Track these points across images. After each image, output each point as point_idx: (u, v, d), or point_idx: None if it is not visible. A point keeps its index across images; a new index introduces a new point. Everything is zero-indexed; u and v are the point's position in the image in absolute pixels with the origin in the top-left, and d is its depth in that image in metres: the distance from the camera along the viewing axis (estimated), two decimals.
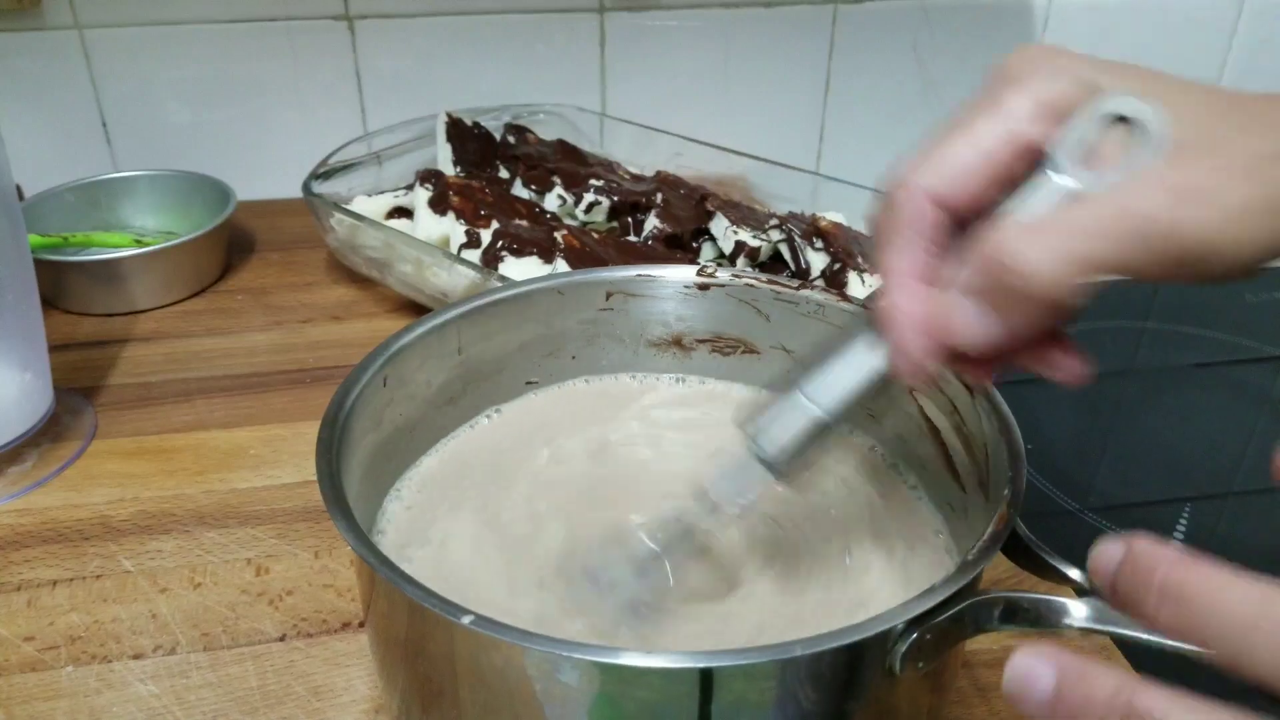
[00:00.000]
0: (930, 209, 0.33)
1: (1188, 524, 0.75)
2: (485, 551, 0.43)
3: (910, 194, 0.33)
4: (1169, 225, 0.29)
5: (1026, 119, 0.32)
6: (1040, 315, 0.31)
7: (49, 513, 0.58)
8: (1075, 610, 0.32)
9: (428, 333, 0.47)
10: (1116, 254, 0.30)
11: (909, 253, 0.33)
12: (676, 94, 1.02)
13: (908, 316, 0.33)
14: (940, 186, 0.33)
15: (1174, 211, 0.29)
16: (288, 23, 0.92)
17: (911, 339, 0.33)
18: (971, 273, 0.32)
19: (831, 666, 0.33)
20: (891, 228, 0.34)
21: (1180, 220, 0.29)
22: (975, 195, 0.33)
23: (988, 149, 0.32)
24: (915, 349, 0.33)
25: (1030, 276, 0.30)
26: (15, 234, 0.58)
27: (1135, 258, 0.30)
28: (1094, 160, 0.31)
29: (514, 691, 0.33)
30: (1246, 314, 1.05)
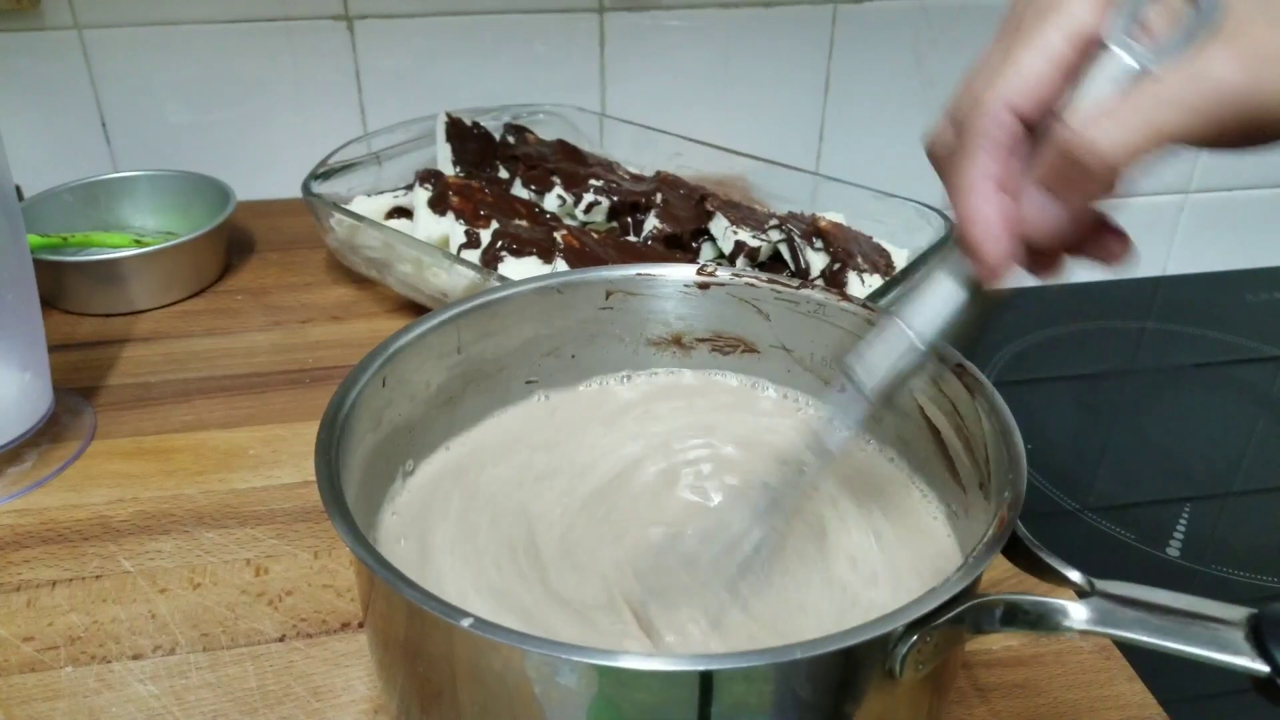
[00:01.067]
0: (1007, 119, 0.34)
1: (1188, 524, 0.75)
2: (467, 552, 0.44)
3: (988, 109, 0.34)
4: (1248, 89, 0.30)
5: (1085, 12, 0.33)
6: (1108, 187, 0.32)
7: (48, 513, 0.58)
8: (1075, 612, 0.32)
9: (428, 333, 0.47)
10: (1189, 123, 0.31)
11: (990, 164, 0.34)
12: (676, 94, 1.02)
13: (987, 219, 0.34)
14: (1017, 99, 0.34)
15: (1248, 75, 0.30)
16: (287, 23, 0.92)
17: (992, 241, 0.34)
18: (1043, 168, 0.33)
19: (831, 669, 0.33)
20: (968, 141, 0.35)
21: (1254, 83, 0.30)
22: (1050, 99, 0.34)
23: (1056, 52, 0.33)
24: (996, 250, 0.34)
25: (1098, 152, 0.31)
26: (15, 234, 0.58)
27: (1209, 125, 0.31)
28: (1148, 39, 0.32)
29: (513, 694, 0.33)
30: (1246, 314, 1.05)
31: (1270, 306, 1.06)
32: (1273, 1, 0.31)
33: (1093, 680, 0.49)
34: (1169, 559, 0.72)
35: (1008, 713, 0.47)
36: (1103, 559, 0.72)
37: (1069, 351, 0.98)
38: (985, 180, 0.34)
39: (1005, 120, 0.34)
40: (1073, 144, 0.32)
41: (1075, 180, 0.32)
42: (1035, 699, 0.48)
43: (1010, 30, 0.35)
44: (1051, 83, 0.33)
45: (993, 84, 0.34)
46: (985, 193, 0.34)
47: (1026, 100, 0.34)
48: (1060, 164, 0.32)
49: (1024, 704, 0.48)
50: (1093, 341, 1.00)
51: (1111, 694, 0.48)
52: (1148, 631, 0.31)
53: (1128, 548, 0.73)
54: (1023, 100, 0.34)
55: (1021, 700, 0.48)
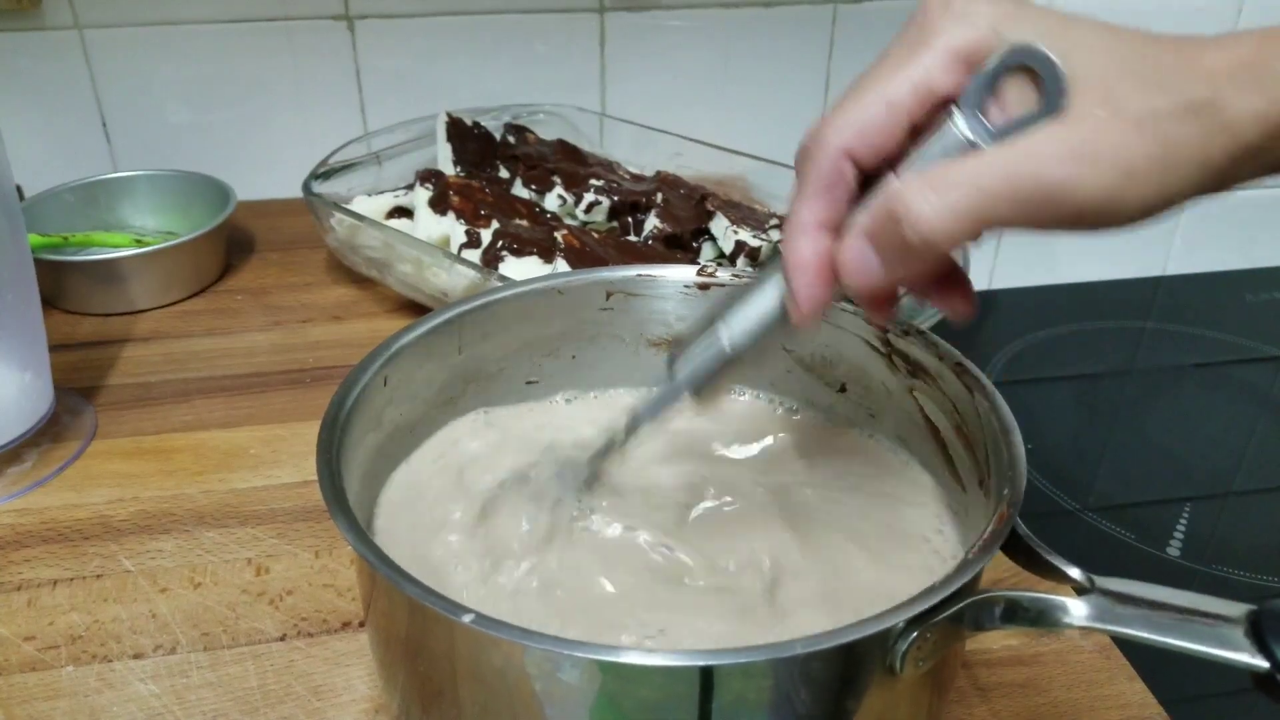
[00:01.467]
0: (840, 163, 0.33)
1: (1188, 524, 0.75)
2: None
3: (822, 148, 0.34)
4: (1063, 186, 0.29)
5: (938, 70, 0.32)
6: (927, 264, 0.32)
7: (49, 513, 0.58)
8: (1075, 609, 0.32)
9: (428, 333, 0.47)
10: (1008, 212, 0.30)
11: (816, 203, 0.34)
12: (676, 94, 1.02)
13: (803, 261, 0.35)
14: (851, 142, 0.33)
15: (1069, 172, 0.29)
16: (288, 23, 0.92)
17: (804, 284, 0.35)
18: (867, 219, 0.33)
19: (832, 665, 0.33)
20: (803, 179, 0.35)
21: (1075, 181, 0.29)
22: (886, 148, 0.33)
23: (898, 103, 0.32)
24: (806, 294, 0.35)
25: (920, 228, 0.30)
26: (15, 234, 0.58)
27: (1027, 215, 0.30)
28: (997, 110, 0.31)
29: (514, 690, 0.33)
30: (1246, 314, 1.05)
31: (1270, 306, 1.06)
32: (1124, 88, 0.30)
33: (1093, 679, 0.49)
34: (1169, 559, 0.72)
35: (1008, 712, 0.47)
36: (1103, 559, 0.72)
37: (1069, 351, 0.98)
38: (808, 220, 0.34)
39: (838, 163, 0.33)
40: (893, 202, 0.31)
41: (898, 246, 0.32)
42: (1035, 698, 0.48)
43: (866, 74, 0.34)
44: (888, 133, 0.33)
45: (832, 122, 0.33)
46: (806, 232, 0.34)
47: (861, 145, 0.33)
48: (884, 223, 0.32)
49: (1024, 703, 0.48)
50: (1093, 341, 1.00)
51: (1112, 693, 0.48)
52: (1148, 628, 0.31)
53: (1128, 547, 0.73)
54: (857, 145, 0.33)
55: (1022, 699, 0.48)
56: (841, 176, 0.34)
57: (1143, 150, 0.29)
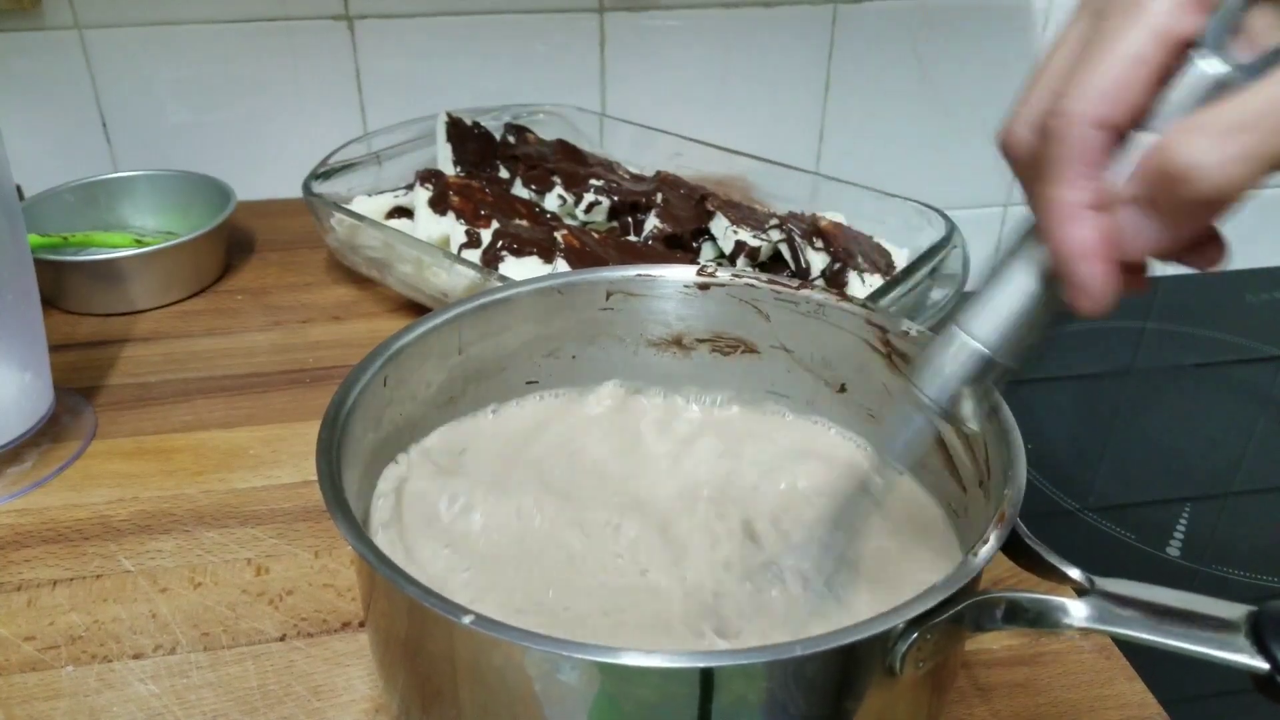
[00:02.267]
0: (1095, 133, 0.31)
1: (1188, 524, 0.75)
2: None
3: (1073, 122, 0.31)
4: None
5: (1175, 13, 0.30)
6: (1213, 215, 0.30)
7: (49, 513, 0.58)
8: (1075, 610, 0.32)
9: (428, 333, 0.47)
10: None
11: (1078, 183, 0.32)
12: (676, 94, 1.02)
13: (1088, 247, 0.32)
14: (1103, 109, 0.31)
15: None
16: (288, 23, 0.92)
17: (1096, 271, 0.32)
18: (1139, 185, 0.31)
19: (832, 666, 0.33)
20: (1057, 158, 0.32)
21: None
22: (1141, 107, 0.31)
23: (1144, 56, 0.30)
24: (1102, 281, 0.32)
25: (1203, 180, 0.28)
26: (15, 234, 0.58)
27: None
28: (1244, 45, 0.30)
29: (514, 691, 0.33)
30: (1246, 314, 1.05)
31: (1270, 306, 1.06)
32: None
33: (1093, 680, 0.49)
34: (1169, 559, 0.72)
35: (1008, 712, 0.47)
36: (1103, 559, 0.72)
37: (1069, 351, 0.98)
38: (1077, 202, 0.32)
39: (1094, 136, 0.31)
40: (1165, 158, 0.29)
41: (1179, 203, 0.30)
42: (1035, 698, 0.48)
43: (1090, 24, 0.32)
44: (1141, 90, 0.30)
45: (1078, 91, 0.31)
46: (1081, 217, 0.32)
47: (1114, 110, 0.31)
48: (1159, 184, 0.30)
49: (1024, 703, 0.48)
50: (1093, 341, 1.00)
51: (1112, 693, 0.48)
52: (1147, 629, 0.31)
53: (1128, 548, 0.73)
54: (1110, 110, 0.31)
55: (1022, 700, 0.48)
56: (1101, 148, 0.31)
57: None
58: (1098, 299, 0.32)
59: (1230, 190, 0.29)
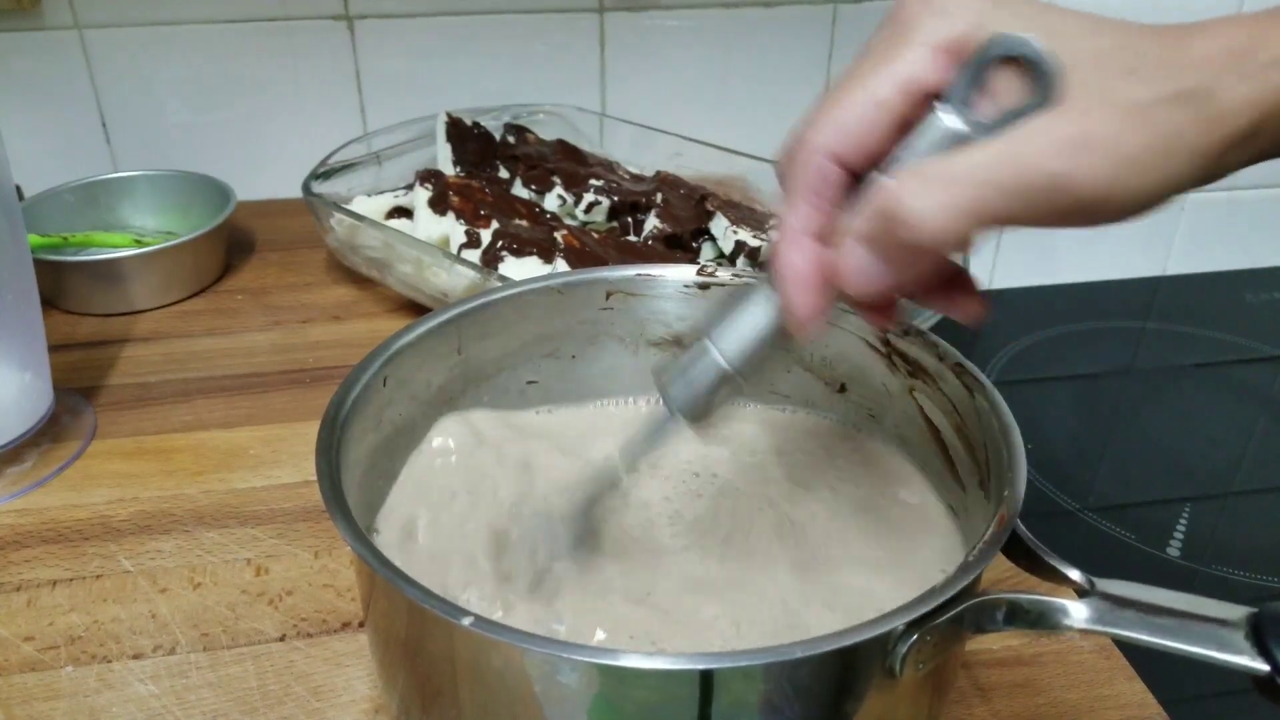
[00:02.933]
0: (827, 166, 0.33)
1: (1188, 524, 0.75)
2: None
3: (807, 152, 0.33)
4: (1061, 177, 0.29)
5: (922, 66, 0.31)
6: (928, 263, 0.32)
7: (49, 513, 0.58)
8: (1075, 611, 0.32)
9: (428, 333, 0.47)
10: (1006, 205, 0.29)
11: (804, 210, 0.33)
12: (676, 94, 1.02)
13: (797, 272, 0.33)
14: (836, 144, 0.32)
15: (1066, 163, 0.29)
16: (288, 23, 0.92)
17: (800, 295, 0.34)
18: (862, 222, 0.32)
19: (831, 668, 0.33)
20: (789, 185, 0.34)
21: (1073, 172, 0.29)
22: (873, 148, 0.32)
23: (884, 101, 0.32)
24: (803, 305, 0.34)
25: (918, 227, 0.30)
26: (15, 234, 0.58)
27: (1025, 209, 0.29)
28: (986, 103, 0.31)
29: (513, 692, 0.33)
30: (1246, 314, 1.05)
31: (1270, 306, 1.06)
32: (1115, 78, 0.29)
33: (1093, 680, 0.49)
34: (1169, 559, 0.72)
35: (1008, 712, 0.47)
36: (1103, 559, 0.72)
37: (1069, 351, 0.98)
38: (796, 228, 0.33)
39: (824, 167, 0.32)
40: (888, 201, 0.30)
41: (897, 246, 0.31)
42: (1035, 699, 0.48)
43: (847, 74, 0.33)
44: (875, 132, 0.32)
45: (816, 125, 0.32)
46: (797, 241, 0.33)
47: (847, 147, 0.32)
48: (878, 223, 0.31)
49: (1024, 703, 0.48)
50: (1093, 341, 1.00)
51: (1111, 694, 0.48)
52: (1148, 630, 0.31)
53: (1128, 548, 0.73)
54: (843, 146, 0.32)
55: (1022, 700, 0.48)
56: (827, 180, 0.33)
57: (1139, 139, 0.29)
58: (802, 323, 0.34)
59: (941, 239, 0.30)
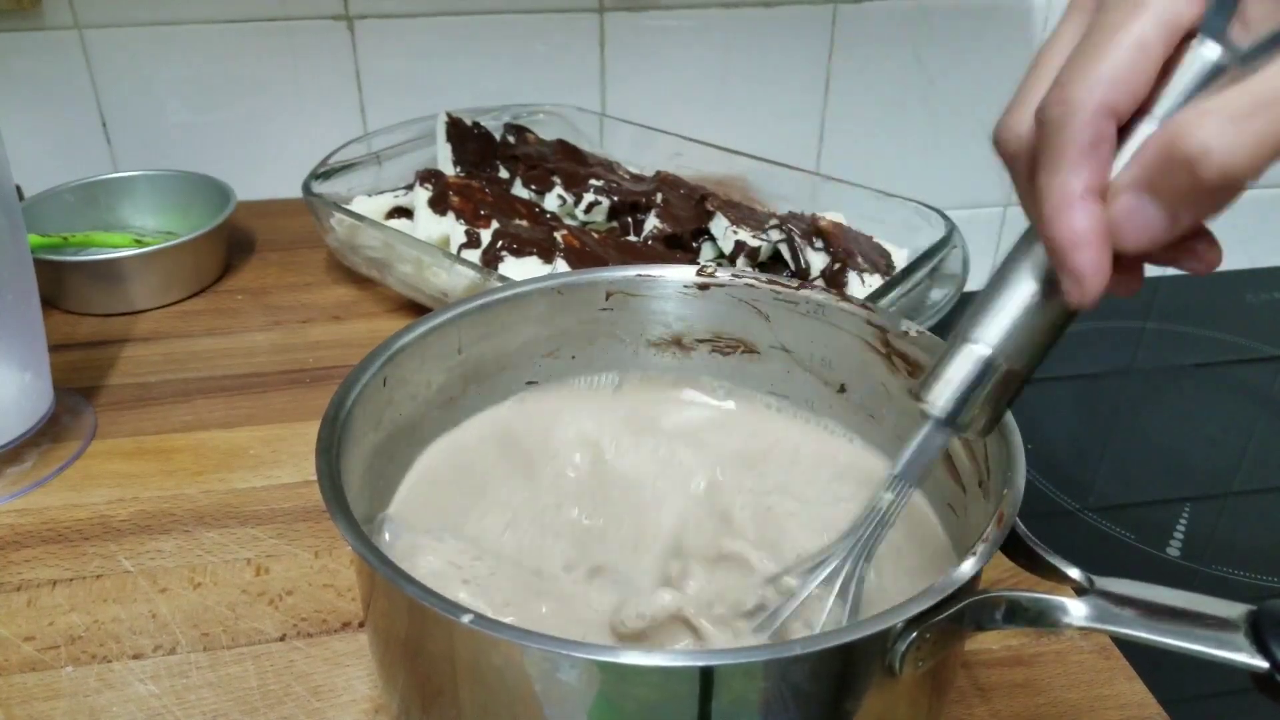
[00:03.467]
0: (1100, 120, 0.31)
1: (1188, 524, 0.75)
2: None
3: (1078, 109, 0.31)
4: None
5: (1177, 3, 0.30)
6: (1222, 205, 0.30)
7: (49, 513, 0.58)
8: (1075, 609, 0.32)
9: (428, 333, 0.47)
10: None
11: (1082, 169, 0.31)
12: (676, 94, 1.02)
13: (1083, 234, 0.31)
14: (1110, 95, 0.30)
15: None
16: (288, 23, 0.92)
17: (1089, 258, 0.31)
18: (1141, 170, 0.30)
19: (831, 666, 0.33)
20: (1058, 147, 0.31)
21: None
22: (1142, 94, 0.31)
23: (1150, 43, 0.30)
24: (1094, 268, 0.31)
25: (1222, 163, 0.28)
26: (15, 234, 0.58)
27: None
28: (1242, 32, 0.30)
29: (513, 691, 0.33)
30: (1246, 314, 1.05)
31: (1270, 306, 1.06)
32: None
33: (1093, 680, 0.49)
34: (1169, 559, 0.72)
35: (1008, 712, 0.47)
36: (1103, 559, 0.72)
37: (1069, 351, 0.98)
38: (1078, 190, 0.31)
39: (1099, 122, 0.31)
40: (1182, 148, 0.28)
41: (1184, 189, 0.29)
42: (1035, 698, 0.48)
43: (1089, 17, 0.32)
44: (1146, 78, 0.30)
45: (1082, 78, 0.31)
46: (1079, 204, 0.31)
47: (1121, 96, 0.30)
48: (1167, 168, 0.29)
49: (1024, 703, 0.48)
50: (1093, 341, 1.00)
51: (1111, 693, 0.48)
52: (1147, 628, 0.31)
53: (1128, 547, 0.73)
54: (1118, 97, 0.30)
55: (1022, 699, 0.48)
56: (1106, 136, 0.31)
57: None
58: (1089, 289, 0.32)
59: (1240, 174, 0.28)
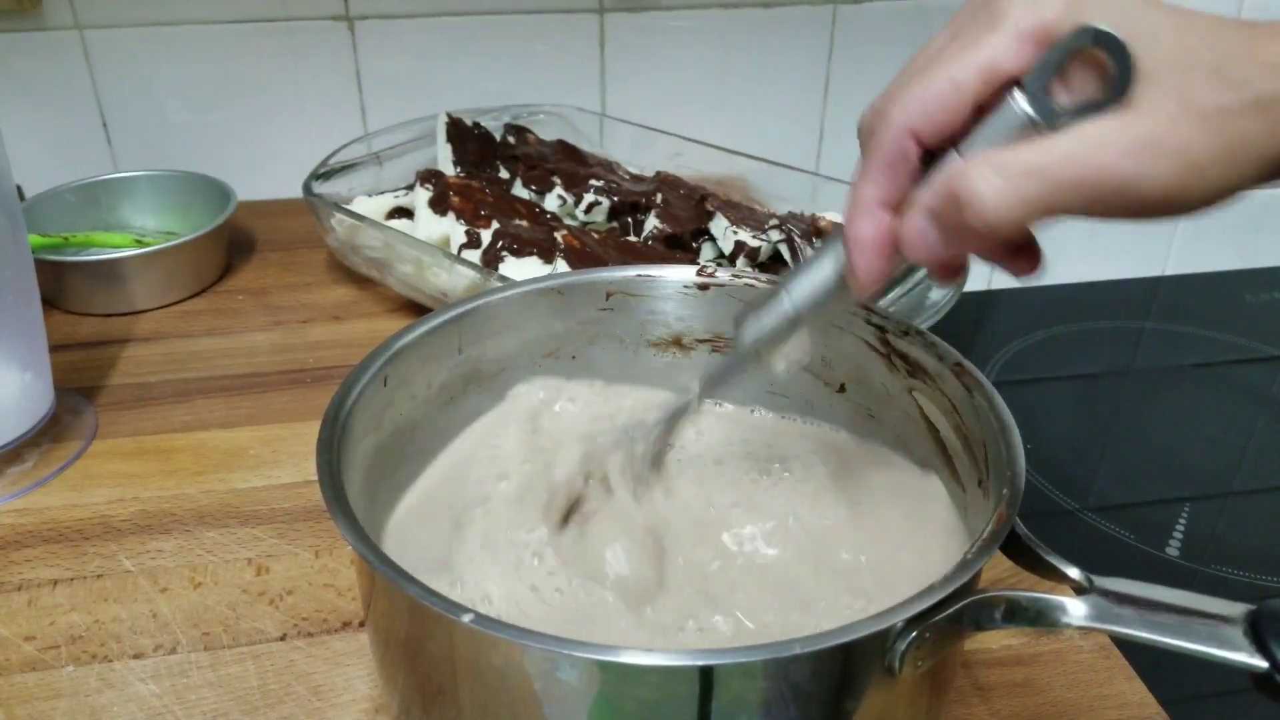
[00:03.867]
0: (905, 141, 0.34)
1: (1187, 524, 0.75)
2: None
3: (887, 125, 0.34)
4: (1130, 178, 0.30)
5: (1006, 52, 0.32)
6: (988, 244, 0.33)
7: (49, 513, 0.58)
8: (1074, 609, 0.32)
9: (428, 333, 0.47)
10: (1071, 200, 0.30)
11: (878, 180, 0.35)
12: (676, 94, 1.02)
13: (865, 239, 0.35)
14: (916, 120, 0.33)
15: (1136, 166, 0.29)
16: (288, 23, 0.92)
17: (865, 260, 0.35)
18: (930, 197, 0.33)
19: (831, 665, 0.33)
20: (866, 156, 0.35)
21: (1142, 174, 0.29)
22: (950, 127, 0.33)
23: (965, 83, 0.32)
24: (866, 269, 0.36)
25: (982, 213, 0.31)
26: (15, 234, 0.58)
27: (1088, 204, 0.30)
28: (1062, 93, 0.31)
29: (513, 690, 0.33)
30: (1246, 314, 1.05)
31: (1270, 306, 1.06)
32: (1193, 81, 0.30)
33: (1092, 679, 0.49)
34: (1168, 558, 0.72)
35: (1007, 711, 0.47)
36: (1102, 558, 0.72)
37: (1069, 351, 0.98)
38: (870, 197, 0.35)
39: (902, 142, 0.34)
40: (957, 182, 0.32)
41: (959, 226, 0.32)
42: (1035, 698, 0.48)
43: (932, 52, 0.34)
44: (954, 113, 0.33)
45: (898, 101, 0.34)
46: (869, 211, 0.35)
47: (926, 125, 0.33)
48: (947, 203, 0.32)
49: (1024, 703, 0.48)
50: (1093, 341, 1.00)
51: (1111, 693, 0.48)
52: (1146, 628, 0.31)
53: (1127, 547, 0.73)
54: (922, 124, 0.33)
55: (1021, 699, 0.48)
56: (904, 155, 0.34)
57: (1209, 146, 0.29)
58: (863, 285, 0.36)
59: (1002, 226, 0.31)
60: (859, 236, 0.35)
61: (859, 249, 0.35)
